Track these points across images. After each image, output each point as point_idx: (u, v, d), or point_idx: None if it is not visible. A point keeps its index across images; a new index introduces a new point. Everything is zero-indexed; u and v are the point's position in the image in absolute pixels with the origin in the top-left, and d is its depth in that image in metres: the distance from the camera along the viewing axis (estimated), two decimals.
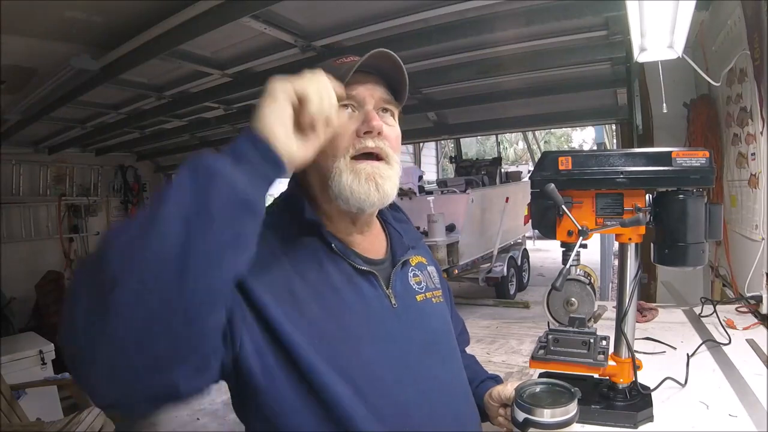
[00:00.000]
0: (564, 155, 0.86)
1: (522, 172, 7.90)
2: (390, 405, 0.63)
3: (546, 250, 8.62)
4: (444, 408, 0.68)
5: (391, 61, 0.69)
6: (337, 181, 0.68)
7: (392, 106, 0.74)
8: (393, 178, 0.70)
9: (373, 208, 0.70)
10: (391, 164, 0.70)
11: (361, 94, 0.70)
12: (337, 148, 0.68)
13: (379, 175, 0.69)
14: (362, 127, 0.69)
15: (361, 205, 0.68)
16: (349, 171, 0.68)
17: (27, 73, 2.48)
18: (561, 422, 0.66)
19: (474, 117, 4.27)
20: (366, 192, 0.67)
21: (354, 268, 0.69)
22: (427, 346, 0.71)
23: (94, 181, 5.10)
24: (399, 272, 0.74)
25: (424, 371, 0.68)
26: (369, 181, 0.68)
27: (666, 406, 0.97)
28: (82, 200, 4.94)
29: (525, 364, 3.81)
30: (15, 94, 2.80)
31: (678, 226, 0.82)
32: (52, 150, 4.49)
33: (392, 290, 0.72)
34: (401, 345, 0.68)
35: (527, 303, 5.85)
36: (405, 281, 0.75)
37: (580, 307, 0.91)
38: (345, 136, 0.68)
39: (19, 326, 4.08)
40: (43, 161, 4.61)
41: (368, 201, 0.68)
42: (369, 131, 0.68)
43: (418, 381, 0.67)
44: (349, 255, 0.70)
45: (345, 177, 0.67)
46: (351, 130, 0.69)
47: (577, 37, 2.44)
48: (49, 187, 4.72)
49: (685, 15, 1.28)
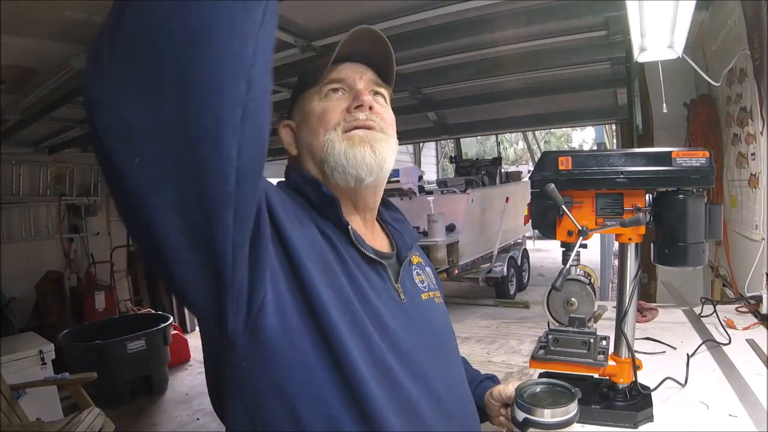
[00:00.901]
0: (564, 155, 0.86)
1: (522, 172, 7.89)
2: (402, 400, 0.60)
3: (546, 250, 8.63)
4: (451, 408, 0.67)
5: (375, 38, 0.69)
6: (331, 154, 0.66)
7: (383, 89, 0.74)
8: (390, 143, 0.69)
9: (372, 177, 0.67)
10: (386, 133, 0.69)
11: (351, 76, 0.70)
12: (328, 123, 0.67)
13: (374, 139, 0.67)
14: (353, 102, 0.68)
15: (358, 173, 0.66)
16: (342, 140, 0.66)
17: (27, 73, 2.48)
18: (561, 422, 0.66)
19: (474, 117, 4.27)
20: (361, 155, 0.66)
21: (363, 257, 0.66)
22: (434, 345, 0.70)
23: (94, 181, 5.09)
24: (407, 268, 0.73)
25: (432, 370, 0.66)
26: (363, 143, 0.66)
27: (666, 406, 0.97)
28: (82, 200, 4.93)
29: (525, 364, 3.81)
30: (15, 94, 2.80)
31: (678, 226, 0.82)
32: (52, 150, 4.48)
33: (401, 285, 0.70)
34: (411, 342, 0.65)
35: (527, 303, 5.85)
36: (411, 278, 0.74)
37: (580, 307, 0.91)
38: (335, 112, 0.68)
39: (19, 326, 4.08)
40: (43, 161, 4.60)
41: (364, 165, 0.66)
42: (360, 105, 0.68)
43: (426, 379, 0.65)
44: (360, 241, 0.67)
45: (338, 146, 0.66)
46: (341, 108, 0.68)
47: (577, 37, 2.44)
48: (49, 187, 4.72)
49: (685, 15, 1.28)
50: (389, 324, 0.63)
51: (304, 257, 0.58)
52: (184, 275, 0.44)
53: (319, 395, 0.55)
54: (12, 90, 2.68)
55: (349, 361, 0.56)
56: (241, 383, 0.56)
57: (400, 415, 0.59)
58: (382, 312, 0.64)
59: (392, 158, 0.70)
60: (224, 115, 0.37)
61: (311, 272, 0.58)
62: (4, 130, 3.40)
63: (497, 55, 2.65)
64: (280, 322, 0.54)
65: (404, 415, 0.59)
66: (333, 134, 0.67)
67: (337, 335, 0.56)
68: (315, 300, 0.57)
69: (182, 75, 0.36)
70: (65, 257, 4.74)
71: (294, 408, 0.55)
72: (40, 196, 4.63)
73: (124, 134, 0.38)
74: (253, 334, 0.53)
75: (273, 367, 0.55)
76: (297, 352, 0.55)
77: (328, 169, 0.67)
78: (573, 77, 3.15)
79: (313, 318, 0.56)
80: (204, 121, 0.37)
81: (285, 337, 0.55)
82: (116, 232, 5.27)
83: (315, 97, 0.70)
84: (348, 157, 0.65)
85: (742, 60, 1.62)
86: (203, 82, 0.36)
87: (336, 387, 0.56)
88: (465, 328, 5.12)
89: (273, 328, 0.54)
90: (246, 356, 0.54)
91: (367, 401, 0.56)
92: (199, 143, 0.37)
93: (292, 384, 0.55)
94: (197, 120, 0.37)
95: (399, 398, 0.60)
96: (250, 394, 0.56)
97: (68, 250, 4.78)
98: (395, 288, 0.69)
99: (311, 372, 0.55)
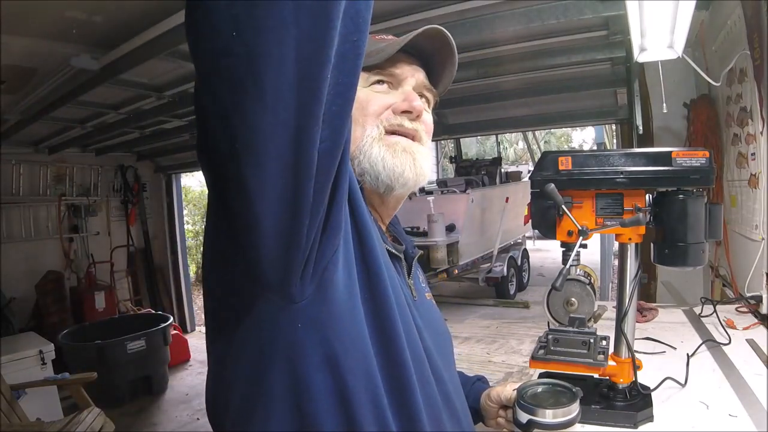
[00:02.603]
0: (564, 155, 0.86)
1: (522, 172, 7.89)
2: (429, 398, 0.58)
3: (546, 250, 8.63)
4: (458, 410, 0.66)
5: (442, 40, 0.63)
6: (367, 153, 0.60)
7: (431, 95, 0.68)
8: (428, 156, 0.64)
9: (404, 189, 0.62)
10: (425, 145, 0.65)
11: (405, 73, 0.64)
12: (367, 116, 0.61)
13: (417, 151, 0.62)
14: (402, 104, 0.62)
15: (393, 182, 0.60)
16: (383, 143, 0.61)
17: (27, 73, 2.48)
18: (564, 422, 0.66)
19: (474, 117, 4.27)
20: (401, 165, 0.60)
21: (386, 250, 0.61)
22: (440, 345, 0.67)
23: (94, 181, 5.09)
24: (416, 265, 0.71)
25: (441, 371, 0.63)
26: (405, 154, 0.61)
27: (666, 406, 0.97)
28: (82, 200, 4.93)
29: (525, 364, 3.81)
30: (15, 94, 2.80)
31: (678, 226, 0.82)
32: (52, 150, 4.48)
33: (413, 281, 0.67)
34: (428, 340, 0.62)
35: (527, 303, 5.85)
36: (418, 276, 0.72)
37: (580, 307, 0.91)
38: (380, 105, 0.62)
39: (19, 326, 4.08)
40: (43, 161, 4.60)
41: (403, 176, 0.60)
42: (408, 111, 0.62)
43: (442, 380, 0.62)
44: (381, 233, 0.63)
45: (377, 149, 0.60)
46: (385, 103, 0.62)
47: (577, 37, 2.44)
48: (49, 187, 4.71)
49: (685, 15, 1.28)
50: (417, 320, 0.61)
51: (370, 228, 0.54)
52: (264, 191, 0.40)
53: (370, 374, 0.51)
54: (12, 90, 2.68)
55: (398, 348, 0.53)
56: (289, 350, 0.49)
57: (428, 413, 0.56)
58: (411, 307, 0.61)
59: (430, 171, 0.65)
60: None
61: (374, 245, 0.54)
62: (4, 130, 3.40)
63: (497, 55, 2.65)
64: (345, 285, 0.50)
65: (430, 414, 0.56)
66: (374, 131, 0.61)
67: (390, 315, 0.53)
68: (374, 271, 0.53)
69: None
70: (65, 257, 4.74)
71: (345, 384, 0.49)
72: (40, 196, 4.63)
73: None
74: (319, 290, 0.48)
75: (332, 336, 0.49)
76: (356, 322, 0.51)
77: (357, 167, 0.61)
78: (573, 77, 3.14)
79: (372, 294, 0.53)
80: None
81: (349, 302, 0.50)
82: (116, 232, 5.28)
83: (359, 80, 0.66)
84: (387, 165, 0.60)
85: (742, 60, 1.62)
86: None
87: (384, 370, 0.52)
88: (465, 328, 5.12)
89: (339, 286, 0.49)
90: (305, 317, 0.48)
91: (407, 391, 0.53)
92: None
93: (348, 358, 0.50)
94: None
95: (428, 397, 0.57)
96: (299, 364, 0.49)
97: (68, 250, 4.78)
98: (408, 284, 0.66)
99: (365, 348, 0.51)
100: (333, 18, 0.37)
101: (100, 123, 3.69)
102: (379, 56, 0.62)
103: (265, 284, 0.47)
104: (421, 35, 0.62)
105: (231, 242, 0.47)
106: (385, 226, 0.70)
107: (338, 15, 0.37)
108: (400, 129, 0.62)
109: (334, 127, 0.41)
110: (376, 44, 0.63)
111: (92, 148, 4.86)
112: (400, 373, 0.53)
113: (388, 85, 0.64)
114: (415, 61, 0.66)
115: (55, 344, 3.17)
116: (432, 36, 0.63)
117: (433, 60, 0.67)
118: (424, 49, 0.65)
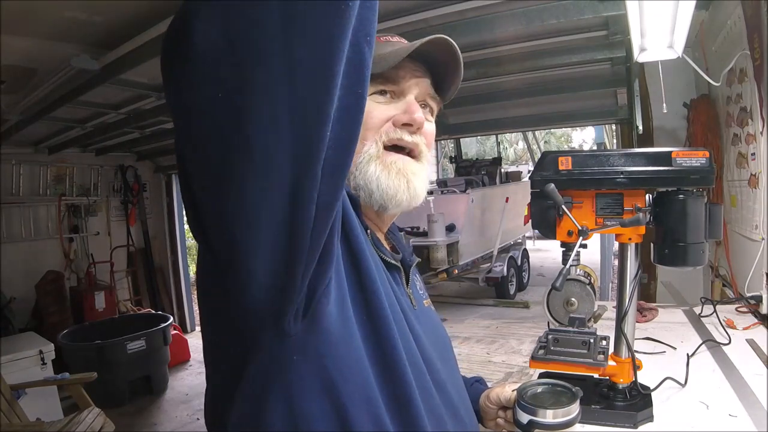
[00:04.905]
0: (564, 155, 0.86)
1: (522, 172, 7.90)
2: (433, 410, 0.57)
3: (546, 250, 8.63)
4: (464, 416, 0.65)
5: (447, 53, 0.62)
6: (363, 170, 0.59)
7: (434, 103, 0.67)
8: (423, 176, 0.63)
9: (397, 209, 0.62)
10: (422, 162, 0.64)
11: (407, 82, 0.62)
12: (367, 130, 0.59)
13: (411, 171, 0.61)
14: (402, 117, 0.61)
15: (386, 203, 0.60)
16: (379, 162, 0.60)
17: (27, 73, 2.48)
18: (565, 422, 0.66)
19: (474, 117, 4.27)
20: (395, 188, 0.60)
21: (383, 260, 0.61)
22: (441, 352, 0.67)
23: (94, 181, 5.08)
24: (414, 273, 0.71)
25: (446, 379, 0.63)
26: (400, 176, 0.60)
27: (666, 406, 0.97)
28: (82, 200, 4.93)
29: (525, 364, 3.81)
30: (15, 94, 2.80)
31: (678, 226, 0.82)
32: (52, 150, 4.48)
33: (411, 290, 0.67)
34: (429, 349, 0.62)
35: (527, 303, 5.85)
36: (415, 284, 0.71)
37: (580, 307, 0.91)
38: (379, 118, 0.60)
39: (19, 326, 4.07)
40: (43, 161, 4.60)
41: (396, 199, 0.60)
42: (409, 124, 0.61)
43: (445, 388, 0.62)
44: (379, 244, 0.63)
45: (373, 168, 0.59)
46: (385, 115, 0.61)
47: (577, 37, 2.44)
48: (49, 187, 4.71)
49: (685, 15, 1.28)
50: (417, 330, 0.60)
51: (364, 248, 0.53)
52: (261, 224, 0.38)
53: (370, 397, 0.51)
54: (12, 90, 2.68)
55: (399, 366, 0.53)
56: (286, 381, 0.49)
57: (432, 426, 0.56)
58: (410, 317, 0.61)
59: (425, 188, 0.64)
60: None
61: (370, 264, 0.53)
62: (4, 130, 3.40)
63: (497, 55, 2.65)
64: (339, 313, 0.49)
65: (434, 426, 0.56)
66: (372, 147, 0.60)
67: (389, 334, 0.53)
68: (371, 290, 0.53)
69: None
70: (65, 257, 4.74)
71: (345, 411, 0.49)
72: (40, 196, 4.63)
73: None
74: (312, 322, 0.47)
75: (329, 364, 0.49)
76: (353, 348, 0.51)
77: (352, 182, 0.60)
78: (573, 77, 3.14)
79: (369, 315, 0.53)
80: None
81: (343, 330, 0.50)
82: (116, 232, 5.27)
83: None
84: (381, 185, 0.60)
85: (742, 60, 1.62)
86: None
87: (384, 390, 0.52)
88: (465, 328, 5.12)
89: (333, 316, 0.49)
90: (300, 348, 0.48)
91: (410, 408, 0.53)
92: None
93: (347, 384, 0.49)
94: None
95: (431, 409, 0.57)
96: (297, 394, 0.49)
97: (68, 250, 4.78)
98: (408, 294, 0.66)
99: (364, 372, 0.51)
100: (335, 73, 0.33)
101: (100, 123, 3.69)
102: (381, 65, 0.60)
103: (257, 323, 0.47)
104: (428, 43, 0.60)
105: (222, 289, 0.46)
106: (383, 234, 0.70)
107: (340, 70, 0.33)
108: (399, 143, 0.61)
109: (334, 180, 0.39)
110: (380, 48, 0.61)
111: (92, 148, 4.86)
112: (401, 391, 0.53)
113: (390, 95, 0.63)
114: (420, 66, 0.64)
115: (55, 344, 3.17)
116: (439, 44, 0.61)
117: (438, 67, 0.65)
118: (430, 54, 0.63)
